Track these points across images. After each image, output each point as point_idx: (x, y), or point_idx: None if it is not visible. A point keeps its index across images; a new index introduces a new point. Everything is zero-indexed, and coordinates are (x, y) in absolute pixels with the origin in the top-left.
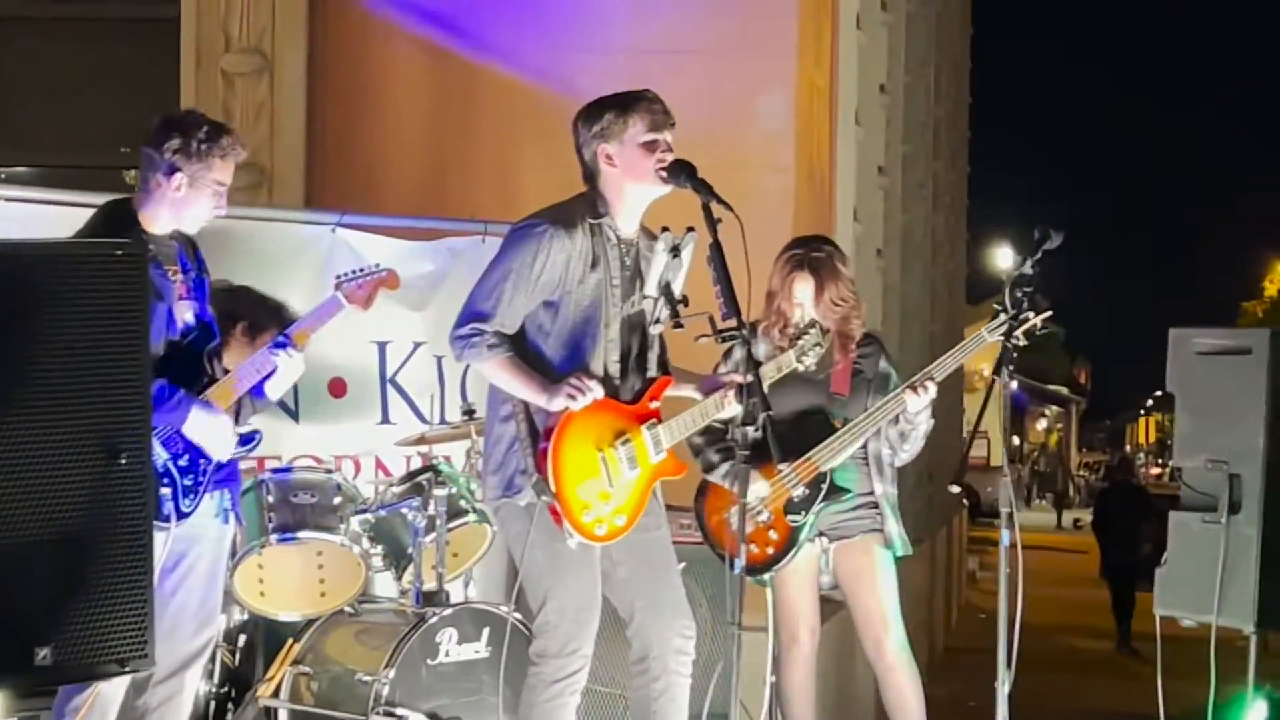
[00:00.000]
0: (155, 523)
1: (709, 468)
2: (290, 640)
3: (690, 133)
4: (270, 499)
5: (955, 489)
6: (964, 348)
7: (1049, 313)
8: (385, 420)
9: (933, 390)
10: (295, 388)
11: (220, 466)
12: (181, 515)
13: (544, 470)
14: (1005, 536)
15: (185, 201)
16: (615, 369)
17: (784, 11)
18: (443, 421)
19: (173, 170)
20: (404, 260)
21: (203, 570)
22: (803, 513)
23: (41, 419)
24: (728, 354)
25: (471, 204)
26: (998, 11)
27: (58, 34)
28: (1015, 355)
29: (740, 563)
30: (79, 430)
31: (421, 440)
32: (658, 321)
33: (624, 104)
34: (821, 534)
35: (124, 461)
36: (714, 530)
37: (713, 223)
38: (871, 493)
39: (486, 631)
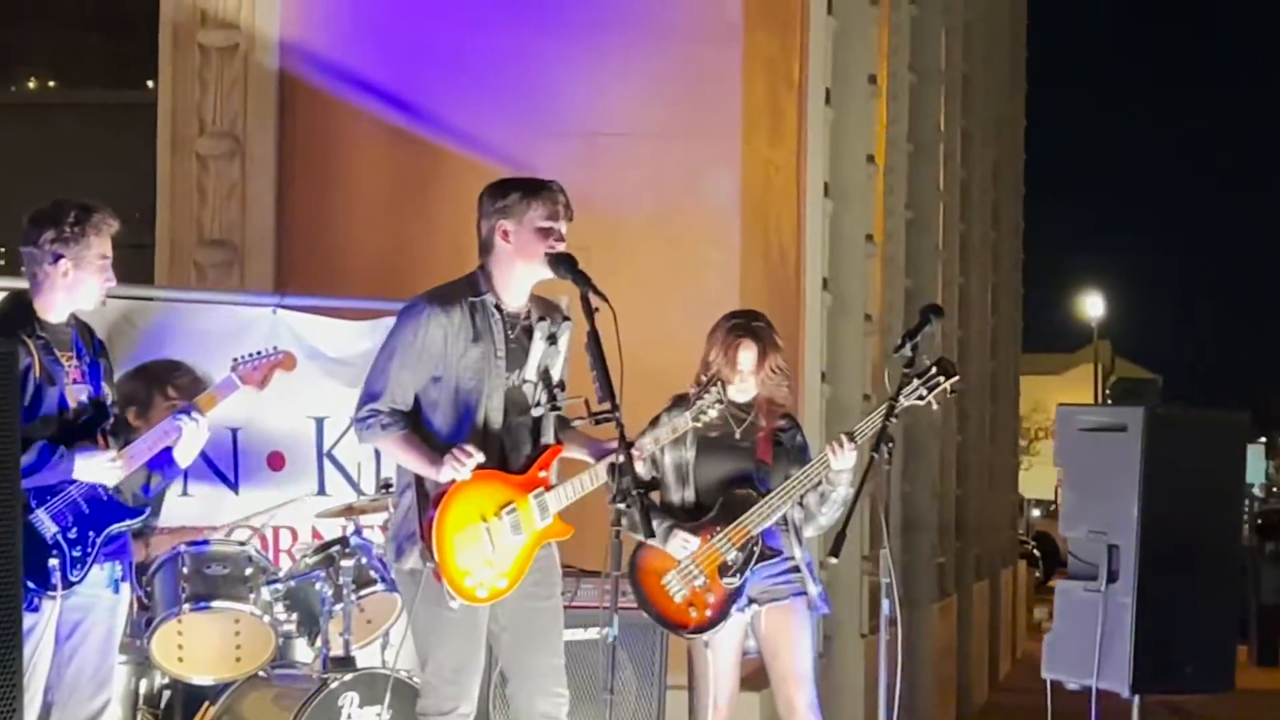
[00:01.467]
0: (45, 591)
1: (636, 529)
2: (206, 703)
3: (640, 212)
4: (185, 570)
5: (833, 560)
6: (882, 411)
7: (957, 378)
8: (321, 492)
9: (851, 450)
10: (235, 460)
11: (110, 540)
12: (69, 584)
13: (428, 538)
14: (885, 606)
15: (75, 283)
16: (497, 440)
17: (729, 96)
18: (371, 494)
19: (57, 258)
20: (344, 339)
21: (97, 637)
22: (737, 575)
23: None
24: (654, 421)
25: (429, 283)
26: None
27: (40, 119)
28: (893, 439)
29: (613, 631)
30: None
31: (349, 511)
32: (538, 404)
33: (531, 188)
34: (752, 600)
35: None
36: (652, 595)
37: (590, 312)
38: (793, 556)
39: (388, 696)
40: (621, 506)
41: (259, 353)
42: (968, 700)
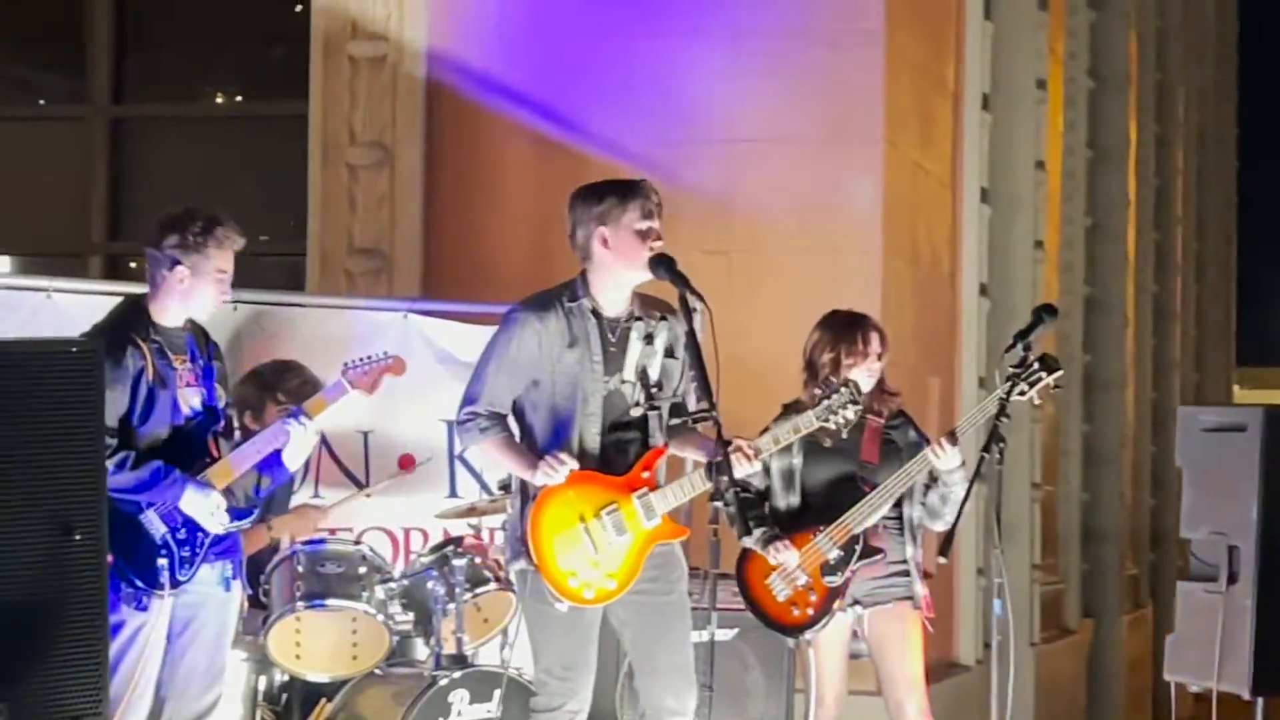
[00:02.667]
0: (153, 591)
1: (743, 535)
2: (323, 699)
3: (781, 217)
4: (300, 569)
5: (941, 560)
6: (983, 408)
7: (1060, 373)
8: (453, 494)
9: (953, 451)
10: (367, 463)
11: (220, 539)
12: (176, 584)
13: (527, 541)
14: (996, 607)
15: (190, 291)
16: (595, 442)
17: (871, 101)
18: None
19: (175, 263)
20: (475, 343)
21: (208, 635)
22: (838, 574)
23: None
24: (779, 417)
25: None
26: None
27: (196, 131)
28: (1004, 439)
29: (713, 628)
30: (33, 510)
31: (471, 511)
32: (637, 404)
33: (625, 191)
34: (856, 601)
35: (78, 537)
36: (757, 595)
37: (688, 312)
38: (904, 560)
39: (497, 693)
40: (719, 505)
41: (369, 357)
42: (1166, 715)
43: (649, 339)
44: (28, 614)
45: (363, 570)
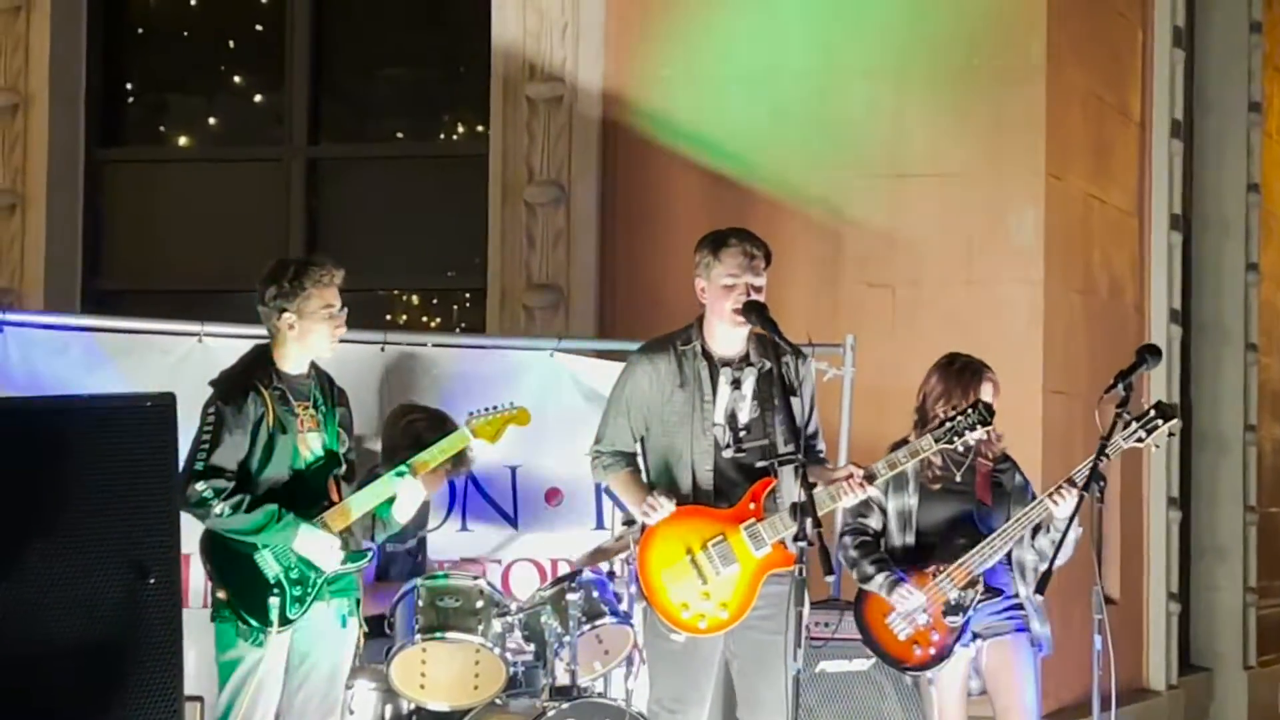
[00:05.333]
0: (265, 628)
1: (864, 579)
2: None
3: (944, 251)
4: (420, 602)
5: (1039, 597)
6: (1101, 452)
7: (1176, 420)
8: (599, 526)
9: (1072, 496)
10: (515, 497)
11: (334, 580)
12: (287, 621)
13: (638, 576)
14: (1097, 643)
15: (304, 333)
16: (709, 479)
17: (1033, 134)
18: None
19: (281, 311)
20: None
21: (325, 668)
22: (960, 614)
23: (75, 544)
24: (894, 447)
25: None
26: None
27: (380, 171)
28: (1104, 478)
29: (798, 665)
30: (111, 554)
31: (599, 554)
32: (728, 446)
33: (716, 244)
34: (975, 635)
35: (153, 580)
36: (878, 634)
37: (778, 356)
38: (1017, 595)
39: None
40: (803, 545)
41: (494, 406)
42: None
43: (736, 384)
44: (105, 653)
45: (480, 604)
